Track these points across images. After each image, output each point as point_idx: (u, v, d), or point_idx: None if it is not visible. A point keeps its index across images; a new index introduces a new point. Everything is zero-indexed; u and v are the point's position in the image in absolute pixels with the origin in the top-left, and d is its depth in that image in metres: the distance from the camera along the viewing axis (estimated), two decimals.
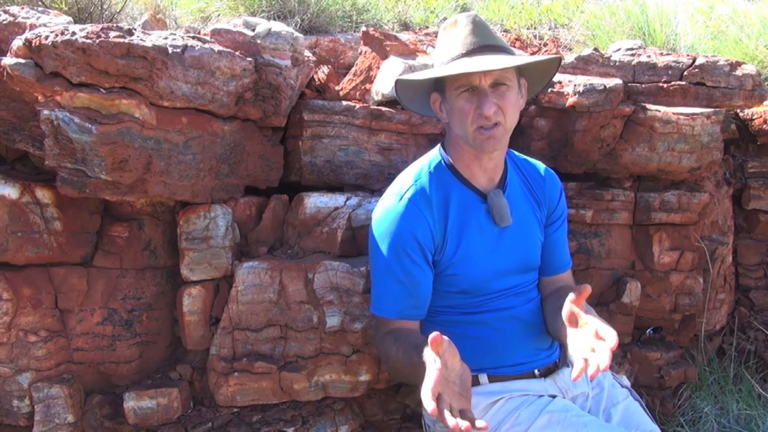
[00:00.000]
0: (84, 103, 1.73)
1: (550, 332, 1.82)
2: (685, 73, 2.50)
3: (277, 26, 2.11)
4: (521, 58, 1.76)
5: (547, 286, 1.91)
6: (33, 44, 1.70)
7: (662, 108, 2.37)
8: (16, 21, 1.94)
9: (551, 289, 1.89)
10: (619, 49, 2.68)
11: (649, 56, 2.56)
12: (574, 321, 1.51)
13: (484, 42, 1.66)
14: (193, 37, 1.94)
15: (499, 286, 1.79)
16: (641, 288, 2.47)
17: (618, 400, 1.85)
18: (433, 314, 1.79)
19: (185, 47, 1.84)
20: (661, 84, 2.49)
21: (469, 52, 1.65)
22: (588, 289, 1.48)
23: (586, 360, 1.38)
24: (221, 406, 2.01)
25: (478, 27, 1.68)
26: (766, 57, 3.09)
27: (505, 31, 3.35)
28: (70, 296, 1.97)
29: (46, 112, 1.70)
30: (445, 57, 1.69)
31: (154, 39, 1.81)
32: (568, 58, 2.55)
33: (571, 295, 1.51)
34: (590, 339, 1.42)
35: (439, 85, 1.74)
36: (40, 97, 1.73)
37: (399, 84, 1.79)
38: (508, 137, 1.74)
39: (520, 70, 1.73)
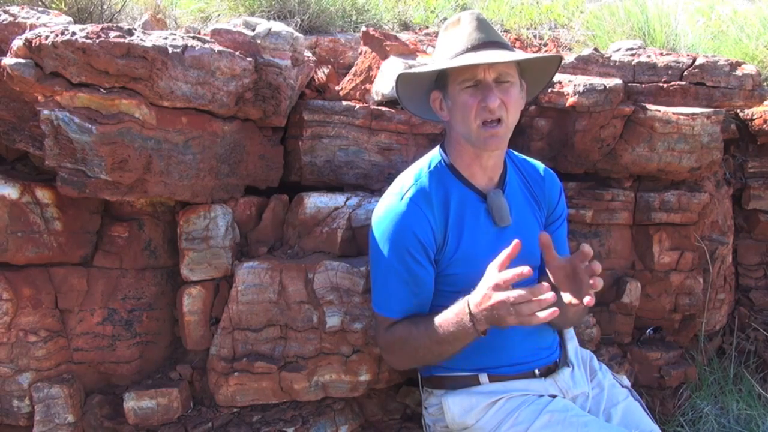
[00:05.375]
0: (84, 103, 1.73)
1: (554, 323, 1.83)
2: (685, 73, 2.50)
3: (277, 26, 2.11)
4: (527, 53, 1.77)
5: None
6: (33, 44, 1.70)
7: (662, 108, 2.38)
8: (16, 21, 1.94)
9: None
10: (619, 49, 2.68)
11: (649, 56, 2.56)
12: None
13: (489, 38, 1.67)
14: (193, 37, 1.94)
15: None
16: (641, 288, 2.47)
17: (618, 400, 1.86)
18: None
19: (185, 47, 1.84)
20: (661, 84, 2.49)
21: (474, 47, 1.65)
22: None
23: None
24: (221, 406, 2.01)
25: (483, 24, 1.69)
26: (766, 57, 3.09)
27: (505, 31, 3.35)
28: (70, 296, 1.97)
29: (46, 112, 1.70)
30: (449, 52, 1.69)
31: (154, 39, 1.81)
32: (568, 58, 2.55)
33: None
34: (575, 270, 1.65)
35: (440, 82, 1.74)
36: (40, 97, 1.73)
37: (401, 79, 1.78)
38: (509, 136, 1.74)
39: (521, 71, 1.74)
